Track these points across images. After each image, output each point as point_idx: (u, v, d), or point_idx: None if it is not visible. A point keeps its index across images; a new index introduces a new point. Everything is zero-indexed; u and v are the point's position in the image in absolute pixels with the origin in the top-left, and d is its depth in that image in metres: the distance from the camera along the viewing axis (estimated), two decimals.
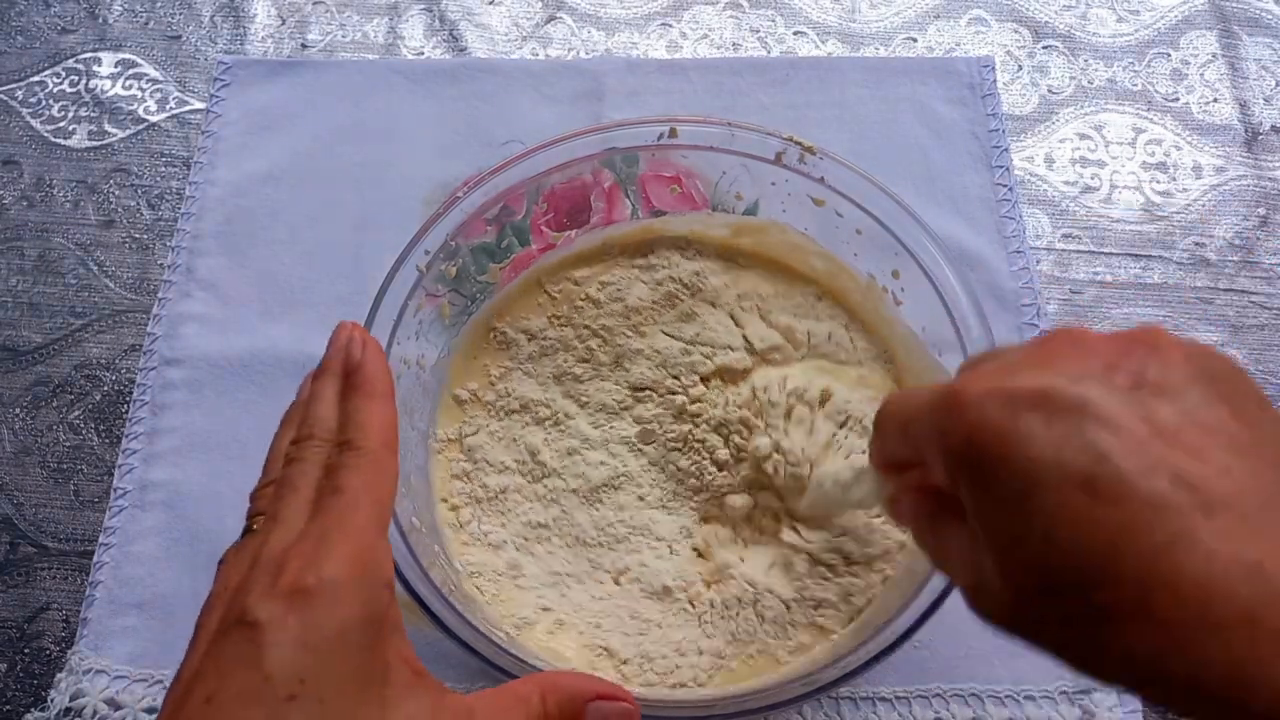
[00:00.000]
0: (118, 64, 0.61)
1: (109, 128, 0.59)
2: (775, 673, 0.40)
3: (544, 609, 0.42)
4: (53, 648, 0.45)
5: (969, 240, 0.53)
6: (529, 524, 0.44)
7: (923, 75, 0.59)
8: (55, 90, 0.60)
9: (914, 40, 0.61)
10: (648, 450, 0.45)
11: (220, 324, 0.52)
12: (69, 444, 0.50)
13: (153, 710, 0.43)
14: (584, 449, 0.45)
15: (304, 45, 0.62)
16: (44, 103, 0.60)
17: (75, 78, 0.61)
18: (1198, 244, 0.55)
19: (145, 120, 0.59)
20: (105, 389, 0.51)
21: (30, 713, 0.43)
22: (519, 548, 0.43)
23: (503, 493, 0.44)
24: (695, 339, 0.47)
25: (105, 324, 0.53)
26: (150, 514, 0.47)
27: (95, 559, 0.46)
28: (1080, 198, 0.56)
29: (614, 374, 0.47)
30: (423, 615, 0.35)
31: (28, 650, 0.45)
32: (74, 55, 0.62)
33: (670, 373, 0.46)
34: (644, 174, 0.48)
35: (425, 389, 0.45)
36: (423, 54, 0.61)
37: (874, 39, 0.61)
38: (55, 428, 0.50)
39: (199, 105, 0.60)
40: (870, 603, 0.41)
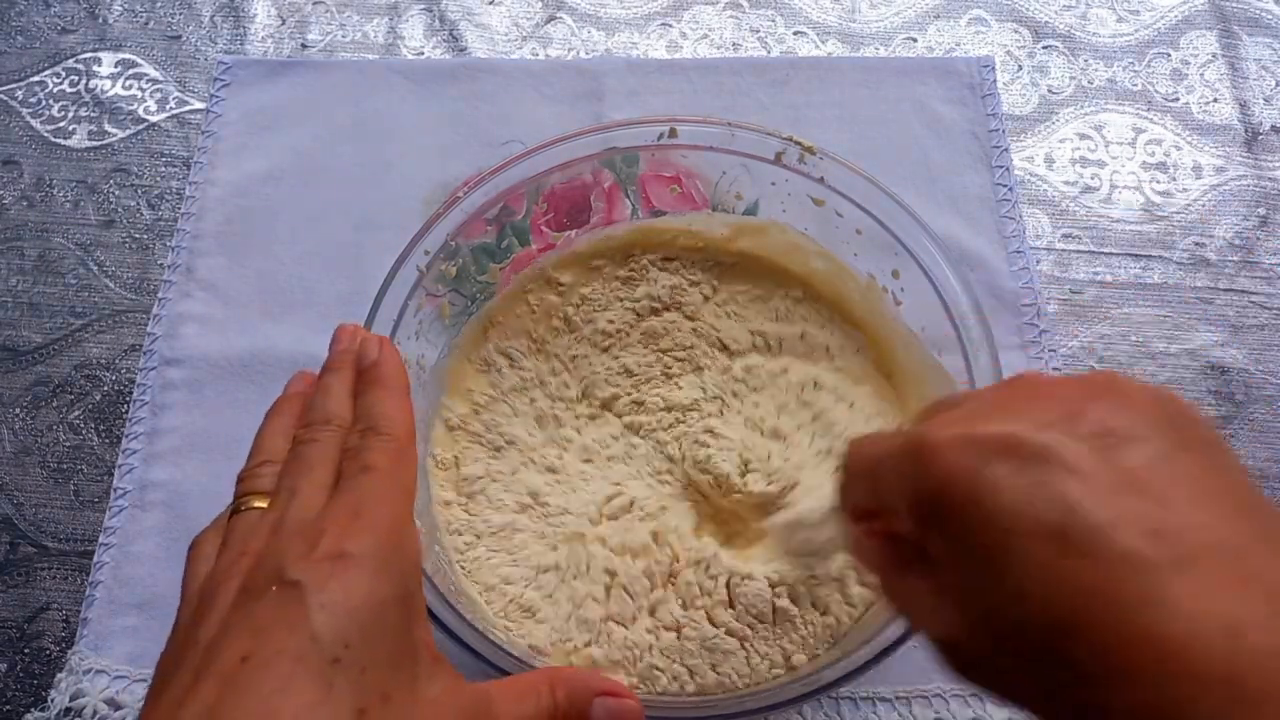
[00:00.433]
0: (118, 64, 0.61)
1: (109, 128, 0.59)
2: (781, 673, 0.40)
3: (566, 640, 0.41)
4: (53, 648, 0.45)
5: (969, 240, 0.53)
6: (538, 568, 0.43)
7: (923, 75, 0.59)
8: (55, 90, 0.60)
9: (914, 40, 0.61)
10: (645, 457, 0.45)
11: (220, 324, 0.52)
12: (69, 444, 0.50)
13: None
14: (582, 483, 0.45)
15: (304, 45, 0.62)
16: (44, 103, 0.60)
17: (75, 78, 0.61)
18: (1198, 244, 0.55)
19: (145, 120, 0.59)
20: (105, 389, 0.51)
21: (30, 713, 0.43)
22: (529, 585, 0.42)
23: (505, 529, 0.44)
24: (667, 350, 0.47)
25: (105, 324, 0.53)
26: (150, 514, 0.47)
27: (95, 559, 0.46)
28: (1080, 198, 0.56)
29: (590, 407, 0.47)
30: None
31: (28, 650, 0.45)
32: (74, 55, 0.62)
33: (644, 377, 0.47)
34: (644, 174, 0.48)
35: (425, 390, 0.45)
36: (423, 54, 0.61)
37: (874, 39, 0.61)
38: (55, 428, 0.50)
39: (199, 105, 0.60)
40: (871, 604, 0.41)
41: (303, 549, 0.25)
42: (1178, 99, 0.59)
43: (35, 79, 0.61)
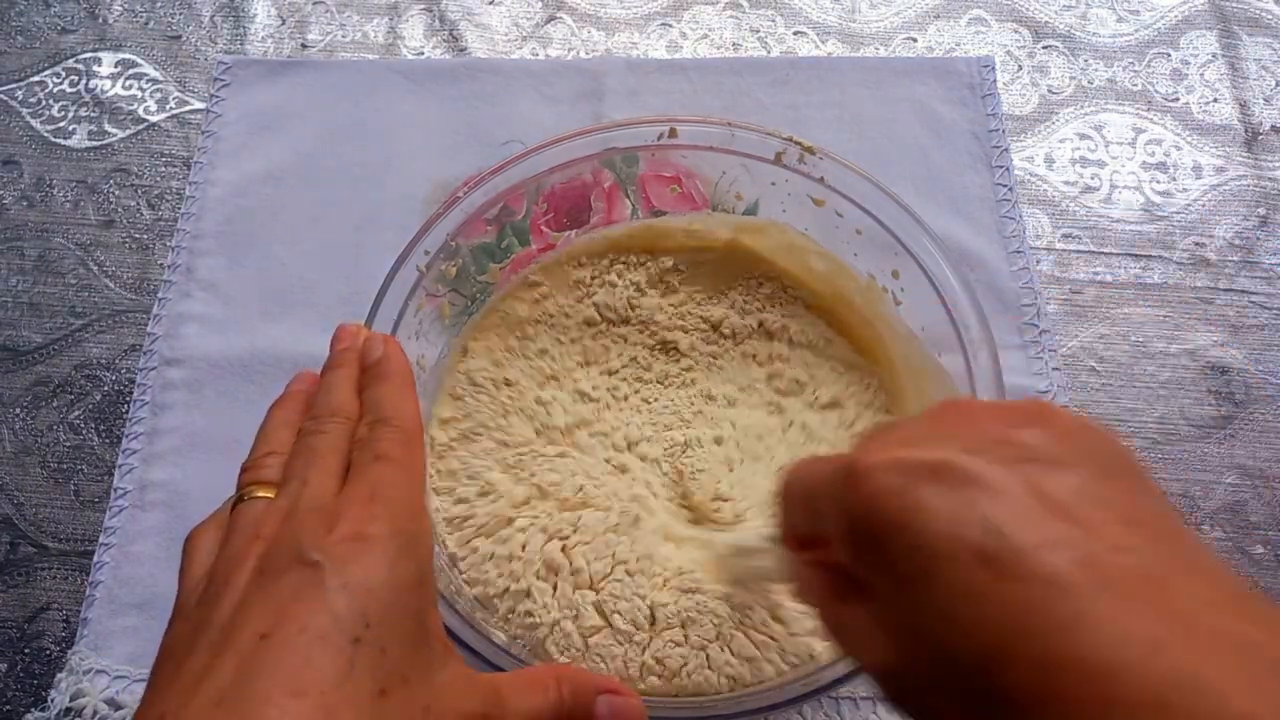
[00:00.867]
0: (118, 64, 0.61)
1: (109, 128, 0.59)
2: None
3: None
4: (53, 648, 0.45)
5: (969, 240, 0.53)
6: (538, 567, 0.42)
7: (923, 75, 0.59)
8: (55, 90, 0.60)
9: (914, 40, 0.61)
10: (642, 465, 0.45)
11: (220, 324, 0.52)
12: (69, 444, 0.50)
13: None
14: (593, 488, 0.44)
15: (304, 45, 0.62)
16: (44, 103, 0.60)
17: (75, 78, 0.61)
18: (1198, 244, 0.55)
19: (145, 120, 0.59)
20: (105, 389, 0.51)
21: (30, 713, 0.44)
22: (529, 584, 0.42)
23: (504, 528, 0.44)
24: (623, 366, 0.47)
25: (105, 324, 0.53)
26: (150, 514, 0.47)
27: (95, 559, 0.46)
28: (1080, 198, 0.56)
29: (563, 441, 0.46)
30: None
31: (28, 650, 0.45)
32: (74, 55, 0.62)
33: (611, 383, 0.47)
34: (644, 174, 0.48)
35: (425, 390, 0.45)
36: (423, 54, 0.61)
37: (874, 39, 0.61)
38: (55, 428, 0.50)
39: (199, 105, 0.60)
40: None
41: (321, 531, 0.25)
42: (1178, 99, 0.59)
43: (35, 79, 0.61)
